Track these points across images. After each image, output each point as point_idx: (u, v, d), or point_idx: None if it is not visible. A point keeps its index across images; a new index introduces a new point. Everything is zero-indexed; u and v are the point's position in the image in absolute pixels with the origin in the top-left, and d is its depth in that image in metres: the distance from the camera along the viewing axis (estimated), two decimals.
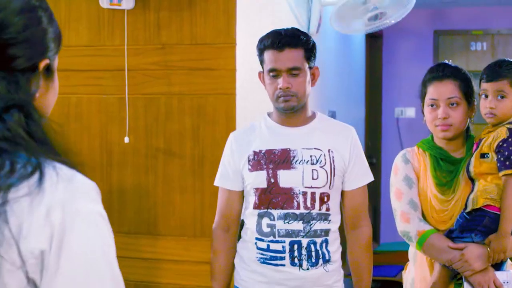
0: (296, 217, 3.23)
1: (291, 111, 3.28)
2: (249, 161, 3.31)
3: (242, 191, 3.39)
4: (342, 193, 3.37)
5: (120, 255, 4.70)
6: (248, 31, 4.34)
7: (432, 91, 3.35)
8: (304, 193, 3.23)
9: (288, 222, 3.22)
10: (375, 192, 8.83)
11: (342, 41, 7.22)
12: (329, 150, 3.28)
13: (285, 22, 5.09)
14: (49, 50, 1.59)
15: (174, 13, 4.28)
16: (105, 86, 4.42)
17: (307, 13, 5.65)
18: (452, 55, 9.32)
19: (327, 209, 3.27)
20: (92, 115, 4.45)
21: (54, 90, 1.66)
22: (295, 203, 3.23)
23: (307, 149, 3.27)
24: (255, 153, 3.31)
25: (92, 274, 1.40)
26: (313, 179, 3.23)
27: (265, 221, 3.27)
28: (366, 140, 8.89)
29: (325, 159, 3.26)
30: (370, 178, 3.40)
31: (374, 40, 9.21)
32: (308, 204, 3.23)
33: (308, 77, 3.27)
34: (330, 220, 3.28)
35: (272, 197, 3.25)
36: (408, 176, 3.41)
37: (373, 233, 3.41)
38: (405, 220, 3.34)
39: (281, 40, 3.22)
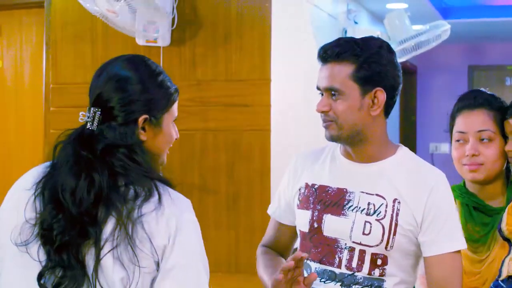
0: (334, 277, 2.51)
1: (335, 141, 2.57)
2: (299, 195, 2.65)
3: (295, 227, 2.71)
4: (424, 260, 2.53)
5: None
6: (283, 67, 4.36)
7: (460, 122, 2.76)
8: (351, 249, 2.49)
9: (324, 282, 2.53)
10: None
11: None
12: (394, 200, 2.47)
13: None
14: (146, 109, 2.10)
15: (209, 49, 4.31)
16: None
17: None
18: (487, 90, 9.27)
19: (381, 275, 2.47)
20: None
21: (164, 136, 2.20)
22: (337, 260, 2.51)
23: (366, 193, 2.50)
24: (307, 186, 2.63)
25: (191, 259, 2.04)
26: (363, 233, 2.47)
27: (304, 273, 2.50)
28: None
29: (385, 211, 2.46)
30: (458, 245, 2.48)
31: (408, 75, 9.21)
32: (353, 264, 2.48)
33: (359, 101, 2.47)
34: None
35: (312, 246, 2.56)
36: None
37: None
38: (421, 283, 2.68)
39: (327, 50, 2.50)
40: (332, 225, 2.51)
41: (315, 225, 2.54)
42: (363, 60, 2.44)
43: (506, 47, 9.33)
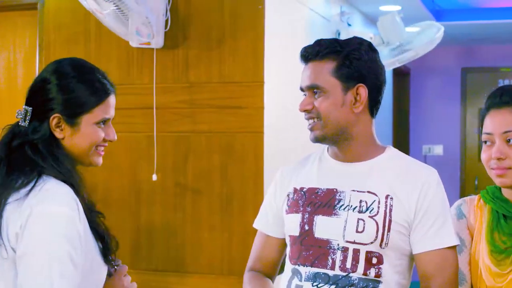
0: (327, 280, 2.41)
1: (321, 142, 2.52)
2: (288, 200, 2.58)
3: (284, 240, 2.63)
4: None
5: None
6: (276, 69, 4.36)
7: (487, 123, 2.48)
8: (344, 249, 2.41)
9: (317, 286, 2.42)
10: None
11: None
12: (387, 197, 2.42)
13: None
14: (60, 109, 2.22)
15: (202, 52, 4.31)
16: (134, 124, 4.45)
17: None
18: (480, 92, 9.28)
19: (377, 275, 2.39)
20: (121, 153, 4.48)
21: (82, 135, 2.27)
22: (330, 261, 2.42)
23: (357, 191, 2.46)
24: (295, 190, 2.57)
25: (40, 249, 2.07)
26: (357, 231, 2.40)
27: (295, 281, 2.49)
28: None
29: (378, 208, 2.41)
30: (449, 241, 2.42)
31: (401, 77, 9.21)
32: (347, 265, 2.40)
33: (341, 98, 2.45)
34: None
35: (303, 250, 2.47)
36: (459, 236, 2.52)
37: None
38: None
39: (308, 49, 2.52)
40: (323, 226, 2.44)
41: (306, 227, 2.47)
42: (344, 56, 2.45)
43: (499, 49, 9.35)
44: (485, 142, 2.49)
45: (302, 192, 2.54)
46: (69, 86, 2.23)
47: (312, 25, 5.26)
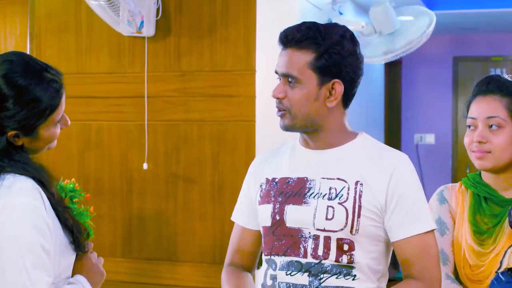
0: (300, 268, 2.40)
1: (290, 131, 2.51)
2: (260, 191, 2.56)
3: (259, 231, 2.61)
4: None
5: (139, 281, 4.72)
6: (268, 58, 4.35)
7: (473, 109, 2.65)
8: (315, 237, 2.39)
9: (290, 274, 2.41)
10: None
11: None
12: (356, 183, 2.40)
13: None
14: (15, 127, 2.18)
15: (194, 40, 4.30)
16: (126, 113, 4.44)
17: None
18: (472, 81, 9.30)
19: (350, 261, 2.38)
20: (113, 142, 4.47)
21: (41, 140, 2.26)
22: (302, 250, 2.41)
23: (327, 179, 2.43)
24: (267, 181, 2.55)
25: (8, 241, 2.06)
26: (327, 219, 2.38)
27: (269, 271, 2.48)
28: None
29: (348, 194, 2.38)
30: (427, 225, 2.40)
31: (393, 66, 9.22)
32: (319, 252, 2.39)
33: (315, 91, 2.41)
34: (355, 277, 2.38)
35: (276, 240, 2.46)
36: (442, 219, 2.68)
37: (393, 261, 2.55)
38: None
39: (287, 35, 2.44)
40: (294, 215, 2.42)
41: (277, 217, 2.45)
42: (324, 49, 2.37)
43: (491, 38, 9.36)
44: (469, 126, 2.65)
45: (274, 183, 2.52)
46: (27, 104, 2.17)
47: (304, 13, 5.25)
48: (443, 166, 9.01)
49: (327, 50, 2.37)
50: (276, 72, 2.48)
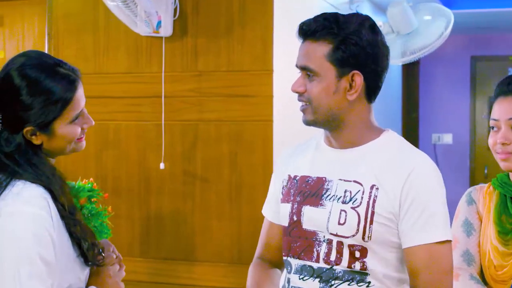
0: (312, 273, 2.32)
1: (313, 126, 2.40)
2: (282, 188, 2.49)
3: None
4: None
5: (157, 281, 4.72)
6: (285, 57, 4.35)
7: (495, 109, 2.61)
8: (329, 242, 2.30)
9: (303, 279, 2.34)
10: None
11: None
12: (372, 186, 2.27)
13: None
14: (30, 122, 2.17)
15: (211, 40, 4.30)
16: (143, 113, 4.45)
17: None
18: (489, 81, 9.26)
19: (363, 268, 2.27)
20: (130, 142, 4.48)
21: (59, 138, 2.23)
22: (315, 253, 2.32)
23: (344, 181, 2.32)
24: (289, 178, 2.47)
25: (5, 249, 2.05)
26: (339, 223, 2.27)
27: (286, 273, 2.43)
28: None
29: (362, 198, 2.27)
30: (437, 235, 2.23)
31: (410, 66, 9.19)
32: (331, 257, 2.29)
33: (334, 84, 2.30)
34: (369, 284, 2.27)
35: (292, 241, 2.38)
36: (469, 220, 2.64)
37: None
38: (454, 276, 2.44)
39: (303, 27, 2.35)
40: (310, 217, 2.33)
41: (295, 218, 2.36)
42: (341, 39, 2.26)
43: (509, 37, 9.32)
44: (492, 128, 2.61)
45: (295, 180, 2.43)
46: (39, 95, 2.17)
47: (321, 13, 5.24)
48: (460, 166, 8.97)
49: (344, 40, 2.26)
50: (297, 66, 2.38)
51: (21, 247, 2.06)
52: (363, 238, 2.25)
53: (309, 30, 2.31)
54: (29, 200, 2.11)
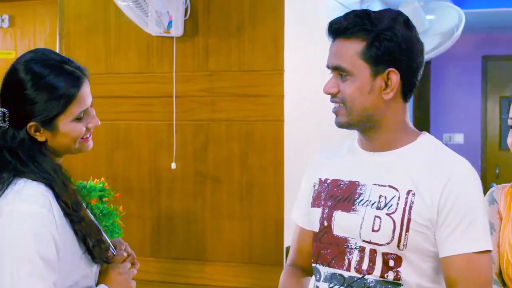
0: (342, 282, 2.20)
1: (346, 128, 2.25)
2: (313, 192, 2.36)
3: None
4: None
5: (168, 281, 4.72)
6: (296, 58, 4.35)
7: None
8: (361, 249, 2.17)
9: None
10: None
11: None
12: (408, 192, 2.14)
13: None
14: (33, 117, 2.16)
15: (222, 40, 4.31)
16: (154, 113, 4.45)
17: None
18: (501, 80, 9.24)
19: (396, 278, 2.14)
20: (141, 141, 4.48)
21: (63, 136, 2.21)
22: (346, 261, 2.19)
23: (379, 185, 2.19)
24: (320, 182, 2.34)
25: (6, 247, 2.05)
26: (373, 230, 2.15)
27: (315, 281, 2.30)
28: None
29: (397, 204, 2.13)
30: (476, 245, 2.10)
31: None
32: (363, 266, 2.16)
33: (369, 83, 2.17)
34: None
35: (322, 248, 2.26)
36: (489, 220, 2.42)
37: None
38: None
39: (333, 26, 2.22)
40: (342, 223, 2.20)
41: (325, 223, 2.24)
42: (374, 36, 2.13)
43: None
44: (510, 127, 2.50)
45: (325, 184, 2.30)
46: (43, 90, 2.17)
47: (332, 12, 5.23)
48: (472, 166, 8.92)
49: (378, 37, 2.13)
50: (328, 67, 2.23)
51: (21, 246, 2.06)
52: (398, 246, 2.12)
53: (340, 28, 2.18)
54: (29, 198, 2.10)
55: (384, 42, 2.13)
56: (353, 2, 5.70)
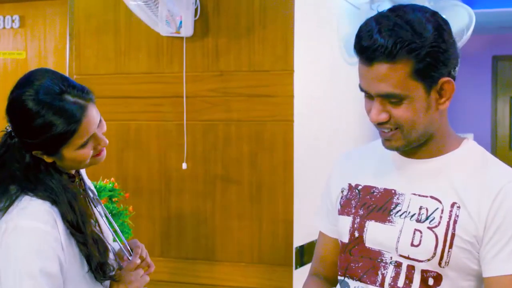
0: None
1: (400, 150, 2.09)
2: (341, 198, 2.21)
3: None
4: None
5: (178, 281, 4.73)
6: (306, 58, 4.35)
7: None
8: (397, 264, 2.01)
9: None
10: None
11: None
12: (453, 205, 1.99)
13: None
14: (39, 147, 2.19)
15: (232, 40, 4.30)
16: (164, 113, 4.46)
17: None
18: (511, 80, 9.22)
19: None
20: (151, 142, 4.49)
21: (69, 161, 2.24)
22: (379, 277, 2.04)
23: (419, 196, 2.03)
24: (350, 187, 2.19)
25: (11, 263, 2.07)
26: (412, 245, 1.99)
27: None
28: None
29: (440, 218, 1.97)
30: None
31: None
32: (399, 283, 2.01)
33: (425, 100, 1.98)
34: None
35: (352, 260, 2.11)
36: None
37: None
38: None
39: (369, 47, 1.93)
40: (375, 235, 2.05)
41: (356, 234, 2.09)
42: (425, 53, 1.92)
43: None
44: None
45: (356, 191, 2.15)
46: (40, 128, 2.15)
47: (342, 13, 5.23)
48: None
49: (429, 53, 1.93)
50: (365, 91, 2.02)
51: (24, 262, 2.08)
52: (439, 264, 1.97)
53: (381, 51, 1.92)
54: (32, 215, 2.13)
55: (434, 55, 1.94)
56: (363, 3, 5.69)
